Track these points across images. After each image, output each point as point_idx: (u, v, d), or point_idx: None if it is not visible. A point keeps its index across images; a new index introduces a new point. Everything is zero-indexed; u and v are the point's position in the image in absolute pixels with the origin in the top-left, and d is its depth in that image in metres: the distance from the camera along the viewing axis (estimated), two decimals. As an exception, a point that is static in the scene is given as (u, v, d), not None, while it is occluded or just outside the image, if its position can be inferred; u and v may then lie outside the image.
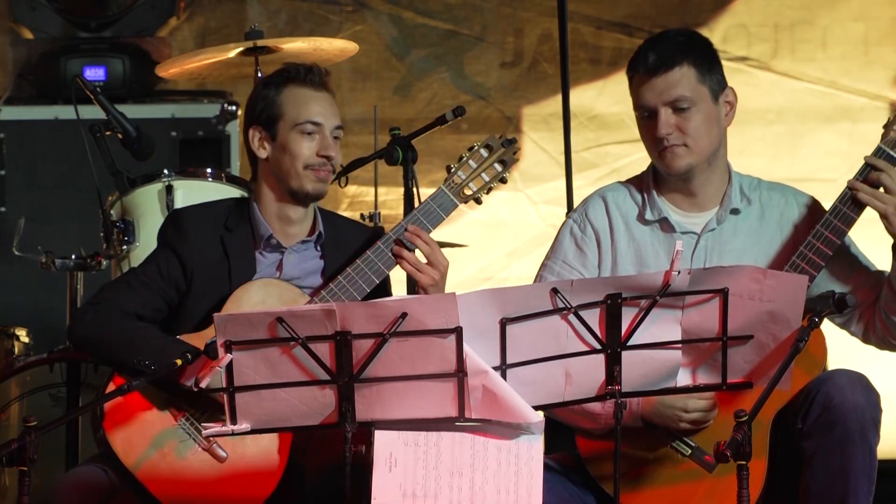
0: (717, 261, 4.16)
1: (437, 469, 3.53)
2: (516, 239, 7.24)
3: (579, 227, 4.28)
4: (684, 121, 4.14)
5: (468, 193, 4.34)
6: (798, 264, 4.05)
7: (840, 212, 4.08)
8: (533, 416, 3.52)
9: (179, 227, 4.32)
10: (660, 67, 4.13)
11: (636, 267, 4.19)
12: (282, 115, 4.28)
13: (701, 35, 4.29)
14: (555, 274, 4.24)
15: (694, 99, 4.14)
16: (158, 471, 4.06)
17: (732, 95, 4.24)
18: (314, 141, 4.27)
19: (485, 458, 3.54)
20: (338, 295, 4.19)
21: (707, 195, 4.22)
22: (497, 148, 4.36)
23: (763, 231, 4.20)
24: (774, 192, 4.26)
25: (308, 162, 4.26)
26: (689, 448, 3.99)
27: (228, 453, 4.08)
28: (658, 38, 4.21)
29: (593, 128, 7.17)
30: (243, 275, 4.24)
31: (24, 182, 6.56)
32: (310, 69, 4.33)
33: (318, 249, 4.33)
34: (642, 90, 4.15)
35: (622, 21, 7.29)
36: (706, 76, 4.16)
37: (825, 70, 7.19)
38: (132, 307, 4.22)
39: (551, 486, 3.95)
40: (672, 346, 3.67)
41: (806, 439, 3.93)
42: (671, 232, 4.20)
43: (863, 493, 3.90)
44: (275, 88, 4.30)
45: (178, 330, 4.21)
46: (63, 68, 6.72)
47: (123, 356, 4.10)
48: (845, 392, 3.89)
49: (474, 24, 7.33)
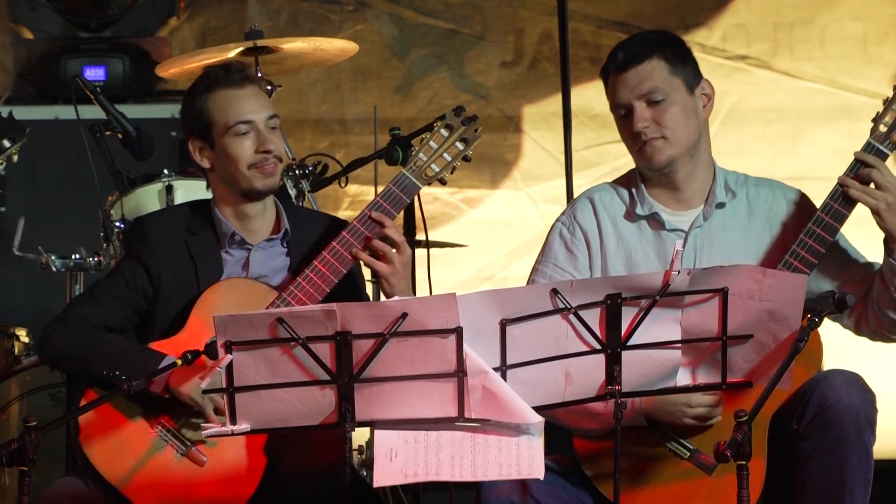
0: (708, 257, 4.16)
1: (438, 455, 3.53)
2: (517, 238, 7.24)
3: (568, 229, 4.26)
4: (660, 113, 4.13)
5: (431, 174, 4.29)
6: (791, 263, 4.04)
7: (831, 209, 4.07)
8: (532, 416, 3.52)
9: (142, 236, 4.30)
10: (629, 63, 4.14)
11: (626, 268, 4.18)
12: (213, 123, 4.26)
13: (672, 34, 4.30)
14: (546, 278, 4.21)
15: (667, 90, 4.13)
16: (140, 481, 4.05)
17: (709, 87, 4.23)
18: (250, 139, 4.25)
19: (485, 447, 3.54)
20: (306, 288, 4.15)
21: (692, 191, 4.21)
22: (458, 126, 4.31)
23: (752, 227, 4.19)
24: (762, 187, 4.25)
25: (250, 161, 4.24)
26: (688, 451, 3.98)
27: (207, 458, 4.07)
28: (628, 39, 4.23)
29: (594, 127, 7.17)
30: (211, 276, 4.23)
31: (24, 182, 6.56)
32: (227, 68, 4.30)
33: (285, 246, 4.32)
34: (616, 88, 4.16)
35: (622, 20, 7.29)
36: (678, 67, 4.17)
37: (824, 69, 7.19)
38: (100, 319, 4.20)
39: (550, 489, 3.96)
40: (672, 345, 3.67)
41: (802, 440, 3.92)
42: (660, 230, 4.20)
43: (858, 493, 3.89)
44: (200, 97, 4.28)
45: (150, 337, 4.21)
46: (63, 68, 6.72)
47: (95, 369, 4.09)
48: (840, 393, 3.89)
49: (475, 23, 7.33)
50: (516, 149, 7.26)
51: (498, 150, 7.19)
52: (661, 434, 4.00)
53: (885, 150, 4.09)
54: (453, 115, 4.32)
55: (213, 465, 4.08)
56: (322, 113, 7.26)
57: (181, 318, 4.18)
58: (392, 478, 3.52)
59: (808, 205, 4.21)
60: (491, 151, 7.14)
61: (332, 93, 7.28)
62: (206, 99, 4.27)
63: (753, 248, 4.17)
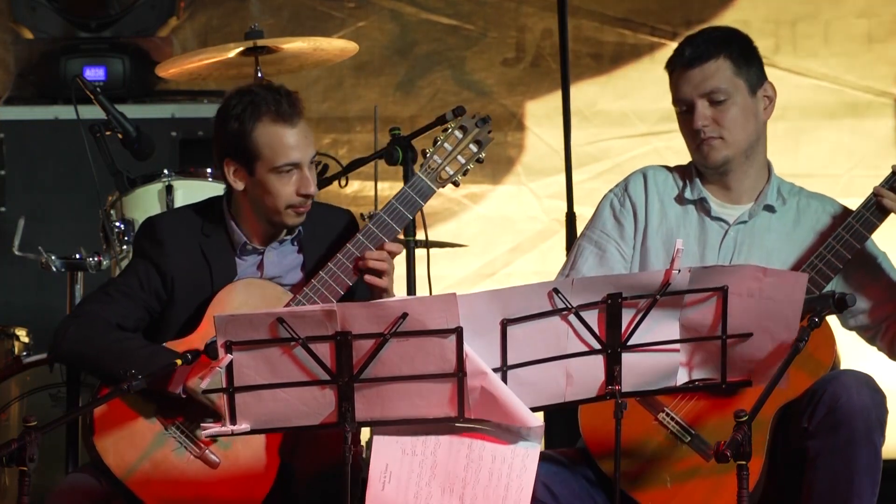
0: (747, 254, 4.19)
1: (430, 485, 3.52)
2: (520, 234, 7.24)
3: (619, 200, 4.31)
4: (720, 113, 4.18)
5: (445, 177, 4.26)
6: (816, 265, 4.07)
7: (863, 217, 4.10)
8: (532, 419, 3.52)
9: (155, 237, 4.25)
10: (695, 60, 4.18)
11: (664, 247, 4.22)
12: (259, 157, 4.16)
13: (740, 32, 4.32)
14: (592, 243, 4.27)
15: (730, 91, 4.18)
16: (150, 480, 4.05)
17: (772, 90, 4.27)
18: (293, 180, 4.17)
19: (478, 469, 3.53)
20: (320, 290, 4.13)
21: (742, 189, 4.25)
22: (472, 129, 4.30)
23: (796, 234, 4.22)
24: (813, 199, 4.29)
25: (289, 203, 4.18)
26: (689, 435, 3.99)
27: (221, 458, 4.07)
28: (697, 34, 4.27)
29: (596, 123, 7.16)
30: (225, 278, 4.21)
31: (24, 182, 6.56)
32: (280, 101, 4.16)
33: (296, 245, 4.30)
34: (679, 83, 4.21)
35: (625, 17, 7.28)
36: (743, 69, 4.20)
37: (829, 66, 7.18)
38: (114, 318, 4.17)
39: (563, 479, 3.99)
40: (672, 345, 3.67)
41: (811, 439, 3.93)
42: (705, 215, 4.23)
43: (867, 494, 3.90)
44: (247, 122, 4.16)
45: (162, 338, 4.19)
46: (63, 68, 6.72)
47: (110, 368, 4.05)
48: (852, 392, 3.90)
49: (477, 20, 7.32)
50: (519, 145, 7.26)
51: (500, 147, 7.18)
52: (665, 416, 4.00)
53: None
54: (468, 117, 4.32)
55: (227, 467, 4.08)
56: (324, 110, 7.26)
57: (196, 319, 4.17)
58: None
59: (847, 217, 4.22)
60: (493, 147, 7.11)
61: (333, 90, 7.27)
62: (254, 127, 4.15)
63: (794, 255, 4.19)
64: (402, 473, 3.52)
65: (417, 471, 3.53)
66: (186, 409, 4.09)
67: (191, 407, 4.07)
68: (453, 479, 3.53)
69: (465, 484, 3.52)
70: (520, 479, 3.51)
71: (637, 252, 4.24)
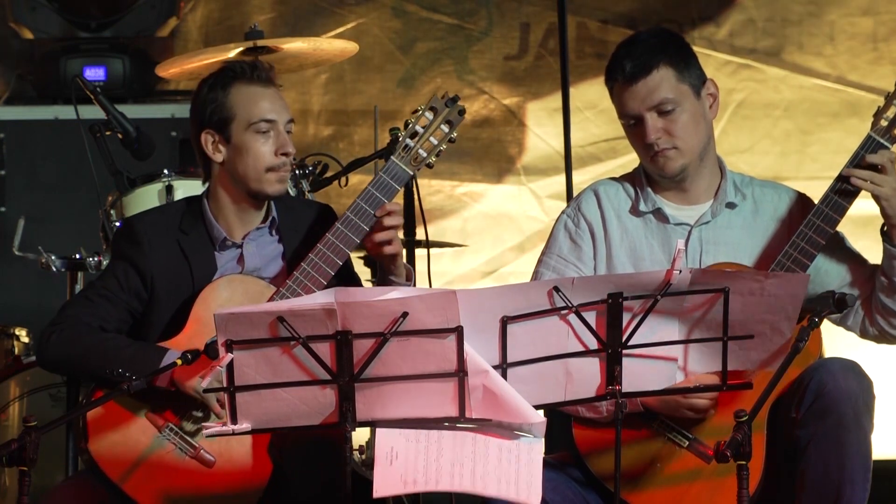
0: (713, 253, 4.17)
1: (439, 461, 3.52)
2: (520, 233, 7.24)
3: (573, 221, 4.28)
4: (671, 123, 4.14)
5: (419, 160, 4.23)
6: (791, 254, 4.05)
7: (832, 200, 4.08)
8: (534, 416, 3.52)
9: (133, 237, 4.24)
10: (638, 74, 4.13)
11: (631, 259, 4.20)
12: (234, 117, 4.20)
13: (671, 32, 4.30)
14: (550, 269, 4.24)
15: (677, 99, 4.14)
16: (147, 482, 4.05)
17: (714, 87, 4.24)
18: (270, 139, 4.20)
19: (485, 455, 3.53)
20: (304, 282, 4.11)
21: (699, 189, 4.23)
22: (441, 109, 4.24)
23: (758, 225, 4.21)
24: (767, 187, 4.28)
25: (269, 164, 4.19)
26: (687, 440, 3.99)
27: (216, 458, 4.07)
28: (630, 43, 4.21)
29: (599, 123, 7.16)
30: (205, 273, 4.20)
31: (24, 182, 6.57)
32: (254, 66, 4.24)
33: (275, 234, 4.29)
34: (624, 98, 4.15)
35: (629, 15, 7.28)
36: (685, 73, 4.16)
37: (833, 66, 7.17)
38: (95, 321, 4.16)
39: (555, 485, 3.97)
40: (672, 345, 3.66)
41: (800, 428, 3.93)
42: (665, 223, 4.21)
43: (859, 478, 3.90)
44: (221, 89, 4.21)
45: (148, 338, 4.18)
46: (63, 68, 6.72)
47: (97, 368, 4.06)
48: (838, 378, 3.90)
49: (479, 17, 7.32)
50: (519, 143, 7.26)
51: (501, 145, 7.18)
52: (660, 423, 3.99)
53: (885, 144, 4.09)
54: (437, 97, 4.27)
55: (222, 466, 4.07)
56: (325, 102, 7.26)
57: (180, 318, 4.16)
58: (392, 485, 3.50)
59: (810, 204, 4.22)
60: (494, 146, 7.14)
61: (334, 83, 7.28)
62: (228, 92, 4.21)
63: (759, 246, 4.18)
64: (408, 453, 3.52)
65: (424, 452, 3.52)
66: (176, 405, 4.08)
67: (180, 402, 4.06)
68: (462, 457, 3.52)
69: (475, 462, 3.51)
70: (528, 467, 3.51)
71: (603, 270, 4.20)
